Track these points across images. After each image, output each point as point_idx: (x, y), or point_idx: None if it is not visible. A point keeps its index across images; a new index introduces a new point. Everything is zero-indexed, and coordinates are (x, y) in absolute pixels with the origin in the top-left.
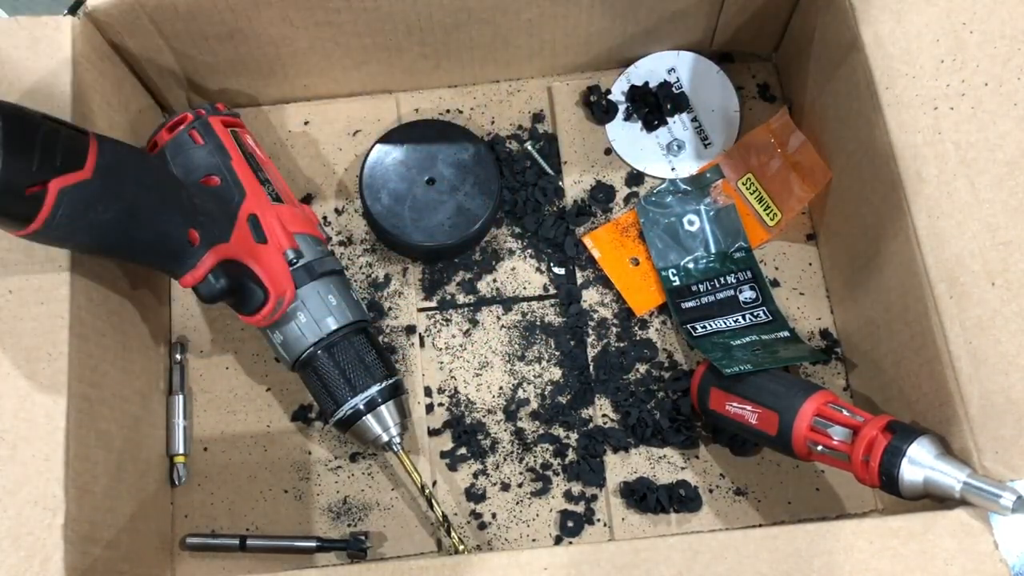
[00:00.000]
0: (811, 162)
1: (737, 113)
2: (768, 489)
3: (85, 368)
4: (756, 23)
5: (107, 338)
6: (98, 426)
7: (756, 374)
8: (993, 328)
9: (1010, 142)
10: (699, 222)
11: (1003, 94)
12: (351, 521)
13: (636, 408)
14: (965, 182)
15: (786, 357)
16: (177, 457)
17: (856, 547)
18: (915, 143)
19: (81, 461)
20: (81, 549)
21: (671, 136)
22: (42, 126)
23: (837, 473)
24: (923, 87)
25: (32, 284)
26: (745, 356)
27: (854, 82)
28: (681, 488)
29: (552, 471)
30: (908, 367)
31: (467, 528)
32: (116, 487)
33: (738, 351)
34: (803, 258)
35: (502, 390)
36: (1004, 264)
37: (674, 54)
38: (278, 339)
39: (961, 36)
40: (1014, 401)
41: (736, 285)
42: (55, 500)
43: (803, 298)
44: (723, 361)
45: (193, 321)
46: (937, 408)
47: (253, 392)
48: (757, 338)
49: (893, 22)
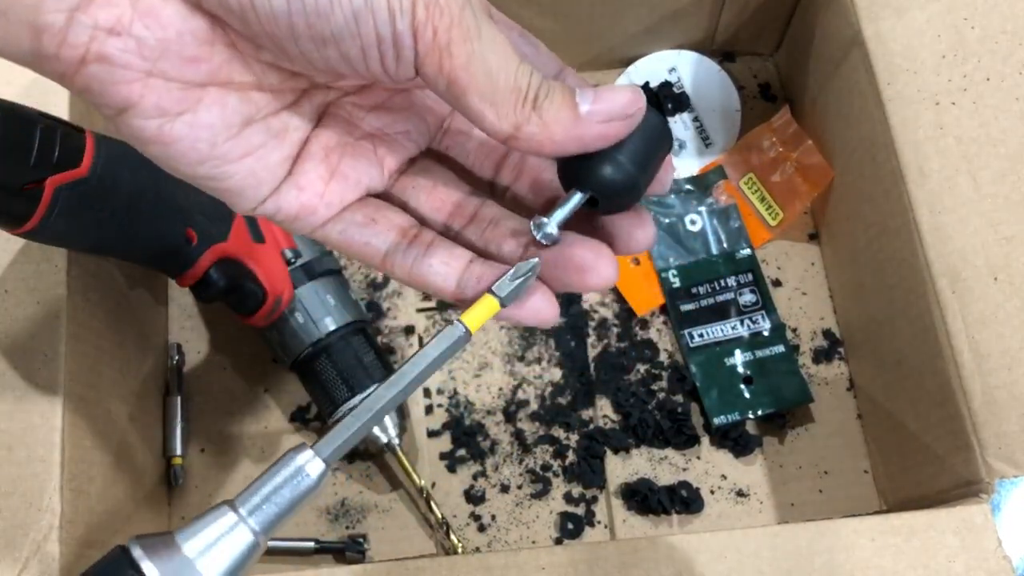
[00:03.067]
0: (813, 161)
1: (738, 112)
2: (770, 491)
3: (81, 368)
4: (757, 22)
5: (104, 339)
6: (94, 427)
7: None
8: (995, 323)
9: (1012, 137)
10: (701, 222)
11: (1004, 89)
12: (349, 523)
13: (637, 409)
14: (967, 177)
15: (771, 401)
16: (174, 458)
17: (857, 545)
18: (917, 139)
19: (77, 462)
20: (77, 551)
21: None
22: (38, 123)
23: (841, 475)
24: (925, 83)
25: (28, 284)
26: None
27: (855, 79)
28: (682, 489)
29: (552, 472)
30: (911, 364)
31: (466, 530)
32: (112, 488)
33: (728, 395)
34: (805, 257)
35: (502, 391)
36: (1006, 259)
37: (675, 53)
38: (276, 339)
39: (962, 32)
40: (1017, 396)
41: (736, 288)
42: (51, 501)
43: (805, 298)
44: (715, 408)
45: (191, 321)
46: (940, 404)
47: (251, 393)
48: (752, 355)
49: (894, 18)
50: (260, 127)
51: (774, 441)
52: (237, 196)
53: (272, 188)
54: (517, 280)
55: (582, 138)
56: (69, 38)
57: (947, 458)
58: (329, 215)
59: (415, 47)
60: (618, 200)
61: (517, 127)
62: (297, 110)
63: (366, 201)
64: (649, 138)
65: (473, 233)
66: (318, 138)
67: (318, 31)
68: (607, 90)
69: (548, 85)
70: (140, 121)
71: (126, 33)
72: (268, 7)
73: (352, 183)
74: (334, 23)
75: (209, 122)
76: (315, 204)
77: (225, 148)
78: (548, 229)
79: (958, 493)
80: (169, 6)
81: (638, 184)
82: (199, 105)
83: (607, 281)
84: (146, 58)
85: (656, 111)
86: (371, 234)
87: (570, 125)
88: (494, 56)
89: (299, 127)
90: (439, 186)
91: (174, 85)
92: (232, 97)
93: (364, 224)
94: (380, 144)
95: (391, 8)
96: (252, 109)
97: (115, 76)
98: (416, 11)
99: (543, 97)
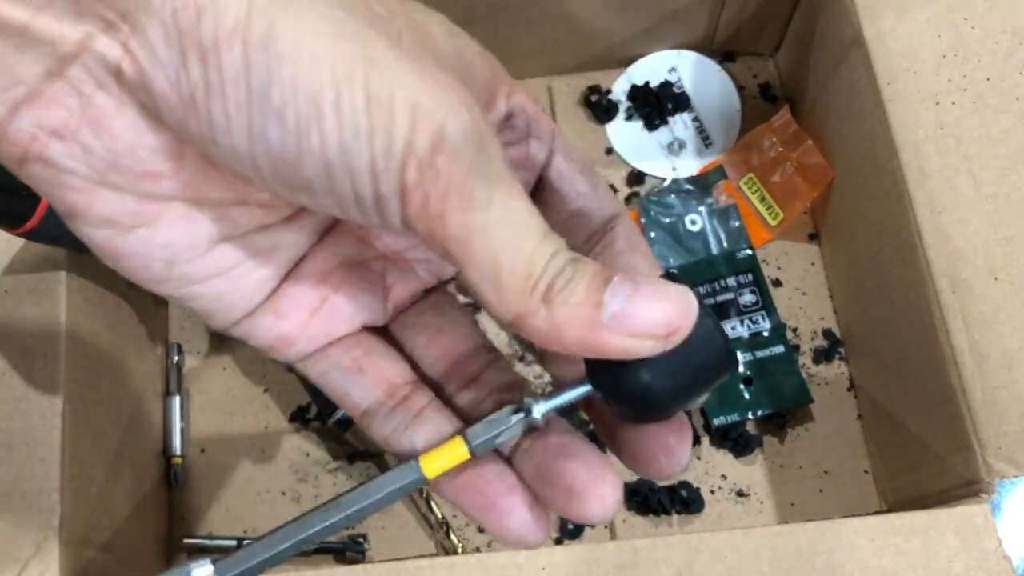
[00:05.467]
0: (813, 161)
1: (738, 112)
2: (771, 491)
3: (81, 369)
4: (757, 21)
5: (103, 339)
6: (94, 427)
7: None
8: (996, 323)
9: (1012, 137)
10: (701, 222)
11: (1005, 89)
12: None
13: None
14: (967, 177)
15: (770, 401)
16: (174, 459)
17: (858, 545)
18: (917, 139)
19: (77, 463)
20: (76, 551)
21: (672, 136)
22: None
23: (841, 474)
24: (925, 82)
25: (28, 284)
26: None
27: (855, 79)
28: (682, 489)
29: None
30: (911, 364)
31: (466, 530)
32: (112, 489)
33: (728, 395)
34: (805, 257)
35: None
36: (1007, 259)
37: (675, 53)
38: None
39: (962, 31)
40: (1017, 397)
41: (736, 288)
42: (50, 502)
43: (805, 298)
44: (714, 409)
45: (190, 322)
46: (940, 404)
47: (250, 393)
48: (752, 356)
49: (895, 18)
50: (238, 245)
51: (774, 441)
52: (205, 316)
53: (246, 312)
54: (495, 432)
55: (598, 349)
56: (10, 135)
57: (947, 458)
58: (311, 350)
59: (402, 210)
60: (631, 415)
61: (520, 317)
62: (294, 225)
63: (359, 339)
64: (698, 358)
65: (470, 400)
66: (316, 256)
67: (285, 178)
68: (649, 291)
69: (572, 271)
70: (87, 229)
71: (71, 138)
72: (230, 144)
73: (345, 317)
74: (303, 173)
75: (168, 240)
76: (295, 336)
77: (188, 269)
78: (533, 414)
79: (958, 493)
80: (123, 116)
81: (661, 409)
82: (158, 222)
83: (602, 513)
84: (93, 168)
85: (717, 326)
86: (354, 385)
87: (586, 331)
88: (503, 232)
89: (294, 244)
90: (444, 330)
91: (128, 197)
92: (202, 214)
93: (349, 371)
94: (392, 270)
95: (374, 169)
96: (229, 227)
97: (59, 180)
98: (406, 173)
99: (559, 288)
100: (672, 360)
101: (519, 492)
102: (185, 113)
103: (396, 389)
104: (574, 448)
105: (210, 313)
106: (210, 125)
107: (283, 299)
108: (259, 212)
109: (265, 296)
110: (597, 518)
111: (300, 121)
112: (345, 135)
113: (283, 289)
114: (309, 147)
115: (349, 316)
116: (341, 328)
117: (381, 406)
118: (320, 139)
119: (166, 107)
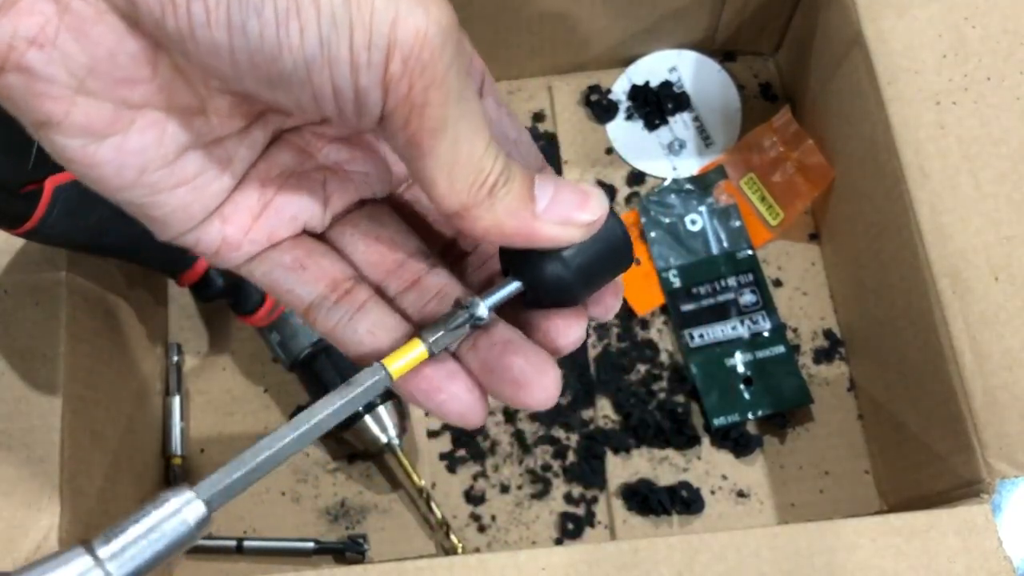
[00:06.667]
0: (814, 161)
1: (739, 112)
2: (771, 491)
3: (81, 369)
4: (758, 21)
5: (103, 339)
6: (94, 427)
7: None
8: (997, 323)
9: (1013, 137)
10: (701, 222)
11: (1005, 88)
12: (349, 523)
13: (637, 409)
14: (968, 177)
15: (771, 402)
16: (174, 459)
17: (858, 545)
18: (918, 138)
19: (76, 463)
20: None
21: (672, 135)
22: None
23: (841, 475)
24: (925, 82)
25: (28, 284)
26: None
27: (856, 79)
28: (683, 489)
29: (552, 473)
30: (911, 364)
31: (466, 530)
32: (112, 489)
33: (728, 396)
34: (806, 257)
35: None
36: (1007, 259)
37: (675, 53)
38: (276, 339)
39: (963, 31)
40: (1018, 396)
41: (737, 288)
42: (50, 502)
43: (806, 298)
44: (714, 409)
45: (190, 322)
46: (941, 404)
47: (250, 393)
48: (752, 356)
49: (895, 17)
50: (200, 155)
51: (775, 441)
52: (161, 225)
53: (199, 220)
54: (452, 329)
55: (532, 237)
56: None
57: (948, 458)
58: (253, 252)
59: (384, 101)
60: (549, 302)
61: (466, 208)
62: (246, 138)
63: (299, 240)
64: (604, 250)
65: (412, 302)
66: (259, 166)
67: (264, 72)
68: (569, 189)
69: (509, 172)
70: (61, 139)
71: (50, 45)
72: (209, 39)
73: (286, 218)
74: (282, 67)
75: (140, 147)
76: (238, 239)
77: (156, 176)
78: (478, 311)
79: (959, 493)
80: (102, 23)
81: (576, 295)
82: (131, 128)
83: (545, 402)
84: (73, 75)
85: (620, 224)
86: (297, 281)
87: (523, 221)
88: (466, 128)
89: (245, 157)
90: (383, 238)
91: (105, 105)
92: (171, 121)
93: (291, 269)
94: (332, 179)
95: (355, 62)
96: (192, 136)
97: (36, 89)
98: (390, 65)
99: (501, 185)
100: (583, 251)
101: (462, 377)
102: (163, 11)
103: (338, 284)
104: (517, 344)
105: (168, 222)
106: (189, 19)
107: (227, 204)
108: (216, 122)
109: (217, 205)
110: (542, 406)
111: (279, 13)
112: (324, 27)
113: (231, 196)
114: (288, 39)
115: (290, 218)
116: (282, 231)
117: (324, 300)
118: (299, 31)
119: (144, 6)
